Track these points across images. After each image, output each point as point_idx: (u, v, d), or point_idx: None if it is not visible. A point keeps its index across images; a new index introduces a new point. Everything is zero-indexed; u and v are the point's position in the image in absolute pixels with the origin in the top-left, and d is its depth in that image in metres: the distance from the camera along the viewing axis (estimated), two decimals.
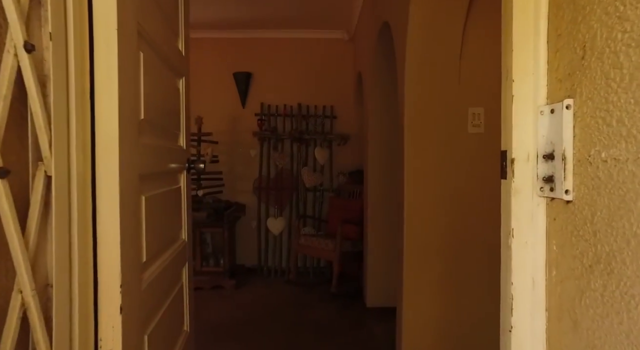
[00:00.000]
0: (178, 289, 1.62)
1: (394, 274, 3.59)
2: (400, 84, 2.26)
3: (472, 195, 2.15)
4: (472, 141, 2.14)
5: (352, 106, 4.89)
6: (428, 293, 2.18)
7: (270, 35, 4.85)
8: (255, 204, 4.85)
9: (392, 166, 3.59)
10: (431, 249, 2.15)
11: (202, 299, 3.94)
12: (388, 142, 3.56)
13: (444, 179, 2.13)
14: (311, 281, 4.52)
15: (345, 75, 4.91)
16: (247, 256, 4.91)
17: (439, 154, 2.13)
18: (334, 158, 4.88)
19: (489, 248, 2.16)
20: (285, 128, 4.87)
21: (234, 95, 4.89)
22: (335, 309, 3.66)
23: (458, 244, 2.15)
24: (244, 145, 4.91)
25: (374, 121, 3.56)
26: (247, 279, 4.60)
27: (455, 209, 2.14)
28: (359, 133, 4.80)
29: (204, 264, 4.44)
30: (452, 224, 2.15)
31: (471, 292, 2.19)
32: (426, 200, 2.14)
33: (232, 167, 4.92)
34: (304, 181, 4.79)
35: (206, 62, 4.87)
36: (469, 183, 2.14)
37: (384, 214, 3.60)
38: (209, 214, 4.30)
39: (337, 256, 3.88)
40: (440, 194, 2.13)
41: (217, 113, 4.86)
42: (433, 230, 2.15)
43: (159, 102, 1.34)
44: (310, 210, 4.86)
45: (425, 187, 2.13)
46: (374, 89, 3.51)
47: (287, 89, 4.89)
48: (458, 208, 2.15)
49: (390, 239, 3.59)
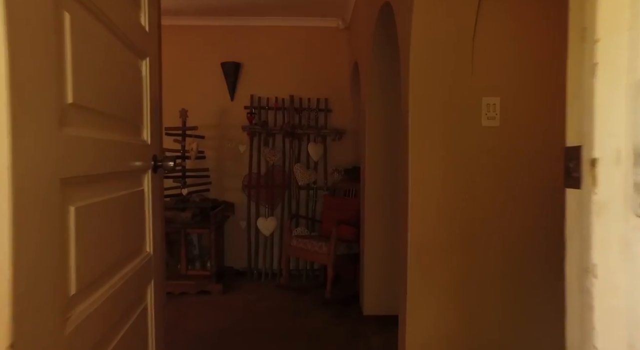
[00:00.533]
0: (139, 313, 1.34)
1: (393, 279, 3.33)
2: (404, 71, 1.98)
3: (487, 195, 1.88)
4: (486, 135, 1.87)
5: (348, 99, 4.61)
6: (436, 301, 1.92)
7: (261, 23, 4.55)
8: (245, 203, 4.56)
9: (392, 163, 3.32)
10: (440, 253, 1.88)
11: (186, 305, 3.67)
12: (387, 137, 3.29)
13: (454, 177, 1.86)
14: (304, 285, 4.25)
15: (340, 66, 4.62)
16: (236, 258, 4.63)
17: (448, 150, 1.86)
18: (329, 154, 4.60)
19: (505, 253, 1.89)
20: (276, 122, 4.58)
21: (221, 86, 4.59)
22: (329, 317, 3.39)
23: (471, 248, 1.89)
24: (233, 140, 4.62)
25: (372, 114, 3.28)
26: (236, 282, 4.32)
27: (467, 210, 1.88)
28: (355, 127, 4.52)
29: (189, 267, 4.16)
30: (463, 226, 1.88)
31: (486, 300, 1.92)
32: (434, 200, 1.87)
33: (219, 164, 4.63)
34: (296, 179, 4.51)
35: (192, 51, 4.57)
36: (482, 182, 1.88)
37: (382, 215, 3.33)
38: (194, 214, 4.02)
39: (332, 260, 3.61)
40: (451, 194, 1.86)
41: (203, 106, 4.56)
42: (442, 233, 1.88)
43: (106, 85, 1.05)
44: (303, 209, 4.59)
45: (432, 187, 1.86)
46: (371, 79, 3.23)
47: (278, 80, 4.60)
48: (471, 209, 1.88)
49: (389, 241, 3.33)
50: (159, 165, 1.50)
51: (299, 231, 4.45)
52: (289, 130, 4.46)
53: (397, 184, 3.35)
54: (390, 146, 3.30)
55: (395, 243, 3.33)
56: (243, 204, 4.58)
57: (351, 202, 3.98)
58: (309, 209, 4.57)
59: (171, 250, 4.34)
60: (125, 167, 1.21)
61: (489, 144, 1.87)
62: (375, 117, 3.29)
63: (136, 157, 1.32)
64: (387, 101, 3.27)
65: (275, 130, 4.50)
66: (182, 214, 3.98)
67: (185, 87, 4.57)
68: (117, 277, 1.14)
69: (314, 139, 4.57)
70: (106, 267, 1.06)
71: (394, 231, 3.34)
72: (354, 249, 3.79)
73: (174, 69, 4.54)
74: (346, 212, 3.97)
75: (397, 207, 3.37)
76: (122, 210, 1.20)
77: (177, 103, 4.38)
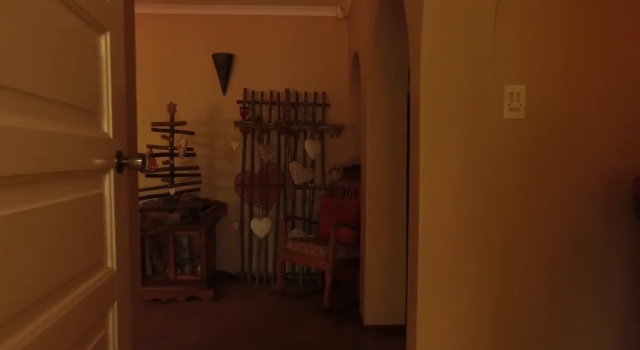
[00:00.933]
0: (95, 345, 1.09)
1: (397, 286, 3.09)
2: (414, 56, 1.73)
3: (510, 198, 1.64)
4: (509, 129, 1.62)
5: (347, 92, 4.36)
6: (453, 313, 1.67)
7: (255, 12, 4.29)
8: (238, 203, 4.31)
9: (395, 160, 3.08)
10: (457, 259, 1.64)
11: (174, 313, 3.42)
12: (390, 133, 3.05)
13: (471, 177, 1.61)
14: (300, 291, 4.00)
15: (339, 58, 4.37)
16: (228, 261, 4.38)
17: (465, 147, 1.61)
18: (327, 151, 4.35)
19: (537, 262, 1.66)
20: (271, 117, 4.33)
21: (213, 79, 4.33)
22: (327, 327, 3.15)
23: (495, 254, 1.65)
24: (225, 136, 4.36)
25: (374, 108, 3.04)
26: (228, 287, 4.07)
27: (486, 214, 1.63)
28: (355, 123, 4.27)
29: (178, 271, 3.91)
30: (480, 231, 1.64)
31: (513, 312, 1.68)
32: (449, 203, 1.62)
33: (211, 162, 4.37)
34: (292, 177, 4.26)
35: (181, 42, 4.30)
36: (504, 183, 1.63)
37: (384, 216, 3.09)
38: (183, 215, 3.77)
39: (330, 265, 3.36)
40: (468, 197, 1.62)
41: (193, 100, 4.30)
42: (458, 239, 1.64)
43: (42, 61, 0.81)
44: (300, 210, 4.34)
45: (447, 188, 1.62)
46: (373, 69, 2.98)
47: (273, 73, 4.34)
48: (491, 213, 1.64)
49: (392, 245, 3.09)
50: (124, 163, 1.25)
51: (295, 233, 4.20)
52: (284, 126, 4.21)
53: (400, 184, 3.11)
54: (393, 143, 3.06)
55: (398, 247, 3.10)
56: (236, 204, 4.33)
57: (350, 203, 3.73)
58: (305, 210, 4.32)
59: (159, 254, 4.09)
60: (72, 165, 0.96)
61: (512, 140, 1.62)
62: (377, 111, 3.05)
63: (91, 154, 1.07)
64: (390, 94, 3.02)
65: (270, 126, 4.25)
66: (171, 215, 3.73)
67: (174, 80, 4.30)
68: (60, 304, 0.89)
69: (311, 136, 4.32)
70: (44, 293, 0.81)
71: (397, 234, 3.10)
72: (353, 253, 3.55)
73: (162, 61, 4.28)
74: (345, 213, 3.72)
75: (401, 208, 3.15)
76: (68, 218, 0.95)
77: (166, 97, 4.12)
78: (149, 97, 4.20)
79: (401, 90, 3.05)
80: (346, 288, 4.02)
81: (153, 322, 3.22)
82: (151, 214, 3.72)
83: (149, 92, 4.22)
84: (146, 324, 3.16)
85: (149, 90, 4.22)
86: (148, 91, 4.22)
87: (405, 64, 2.99)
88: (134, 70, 1.67)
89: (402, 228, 3.10)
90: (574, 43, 1.62)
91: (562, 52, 1.62)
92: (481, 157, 1.61)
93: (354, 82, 4.17)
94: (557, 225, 1.66)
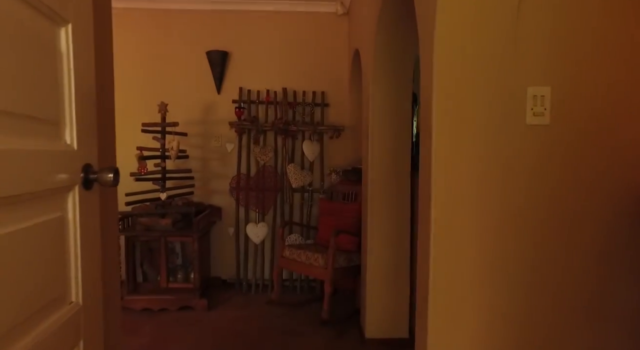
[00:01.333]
0: None
1: (400, 297, 2.92)
2: (424, 54, 1.56)
3: (533, 212, 1.46)
4: (531, 137, 1.45)
5: (347, 92, 4.18)
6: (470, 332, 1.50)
7: (251, 7, 4.10)
8: (233, 208, 4.13)
9: (399, 163, 2.90)
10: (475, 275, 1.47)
11: (165, 324, 3.24)
12: (394, 135, 2.87)
13: (490, 188, 1.44)
14: (298, 299, 3.83)
15: (339, 56, 4.19)
16: (223, 268, 4.20)
17: (482, 155, 1.43)
18: (326, 153, 4.17)
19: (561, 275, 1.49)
20: (268, 118, 4.14)
21: (207, 78, 4.14)
22: (327, 341, 2.98)
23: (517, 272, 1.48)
24: (219, 137, 4.18)
25: (376, 108, 2.86)
26: (222, 296, 3.90)
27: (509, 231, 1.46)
28: (356, 124, 4.10)
29: (170, 279, 3.73)
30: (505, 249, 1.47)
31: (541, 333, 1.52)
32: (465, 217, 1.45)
33: (204, 164, 4.19)
34: (290, 180, 4.08)
35: (173, 38, 4.11)
36: (529, 195, 1.46)
37: (387, 222, 2.92)
38: (175, 220, 3.58)
39: (329, 275, 3.19)
40: (486, 211, 1.44)
41: (186, 99, 4.12)
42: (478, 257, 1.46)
43: None
44: (298, 214, 4.16)
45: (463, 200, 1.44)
46: (376, 68, 2.80)
47: (270, 71, 4.15)
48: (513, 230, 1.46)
49: (396, 253, 2.92)
50: (92, 178, 1.07)
51: (293, 239, 4.03)
52: (281, 127, 4.03)
53: (404, 188, 2.93)
54: (397, 145, 2.89)
55: (402, 255, 2.92)
56: (231, 209, 4.15)
57: (350, 207, 3.56)
58: (303, 214, 4.14)
59: (150, 260, 3.91)
60: (22, 187, 0.78)
61: (534, 148, 1.45)
62: (380, 111, 2.87)
63: (49, 170, 0.89)
64: (393, 93, 2.85)
65: (267, 126, 4.06)
66: (162, 220, 3.55)
67: (165, 78, 4.11)
68: None
69: (310, 137, 4.14)
70: None
71: (401, 242, 2.93)
72: (354, 261, 3.38)
73: (153, 58, 4.09)
74: (345, 218, 3.55)
75: (404, 214, 2.97)
76: (19, 249, 0.77)
77: (156, 96, 3.93)
78: (139, 96, 4.02)
79: (406, 89, 2.88)
80: (346, 295, 3.86)
81: (142, 335, 3.04)
82: (142, 219, 3.54)
83: (138, 92, 4.03)
84: (135, 337, 2.99)
85: (139, 90, 4.03)
86: (137, 90, 4.03)
87: (411, 61, 2.82)
88: (111, 69, 1.49)
89: (406, 235, 2.93)
90: (605, 40, 1.44)
91: (591, 51, 1.44)
92: (501, 169, 1.44)
93: (354, 80, 3.99)
94: (583, 242, 1.49)
